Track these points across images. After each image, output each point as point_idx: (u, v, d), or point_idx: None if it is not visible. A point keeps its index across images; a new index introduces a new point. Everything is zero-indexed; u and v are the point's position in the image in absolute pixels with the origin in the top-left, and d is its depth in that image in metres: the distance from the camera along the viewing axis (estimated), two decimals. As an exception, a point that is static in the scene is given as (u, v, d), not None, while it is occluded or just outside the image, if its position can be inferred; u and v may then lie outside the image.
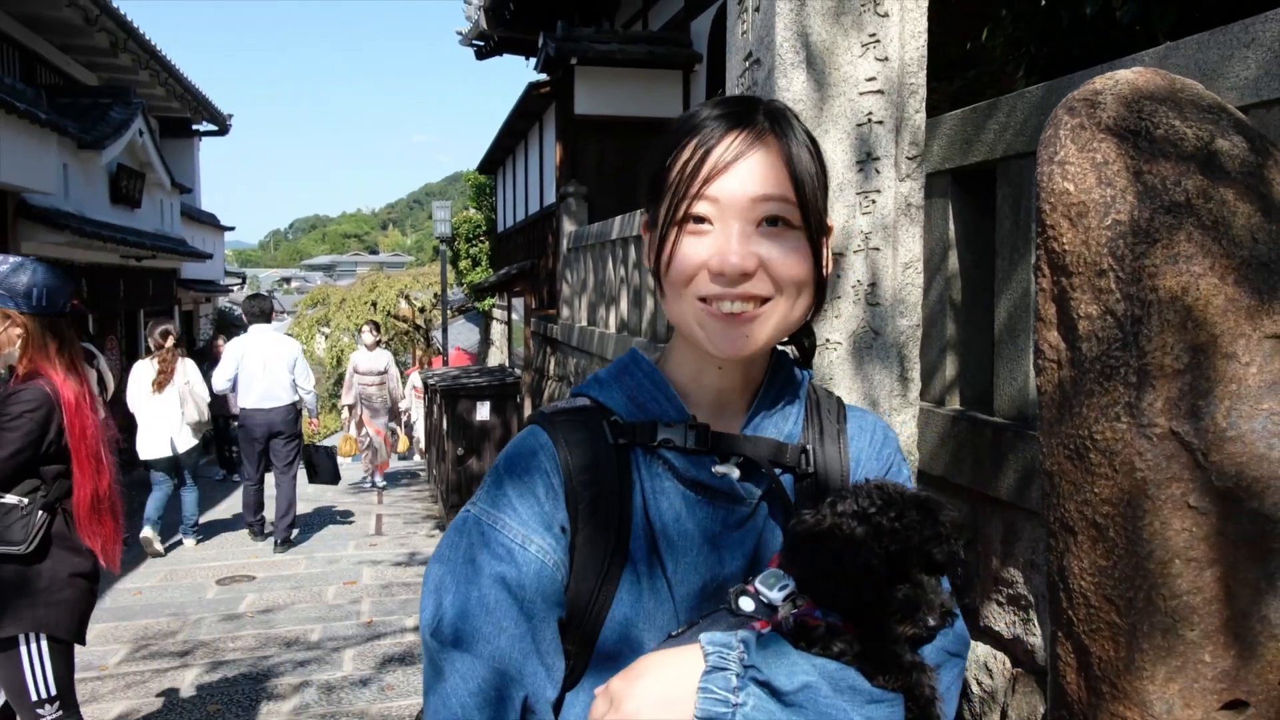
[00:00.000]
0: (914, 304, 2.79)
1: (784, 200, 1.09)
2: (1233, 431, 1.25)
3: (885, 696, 0.98)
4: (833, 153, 2.69)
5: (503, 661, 1.04)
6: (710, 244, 1.08)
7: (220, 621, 6.54)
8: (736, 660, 0.97)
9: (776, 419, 1.20)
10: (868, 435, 1.24)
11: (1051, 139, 1.39)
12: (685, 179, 1.08)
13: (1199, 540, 1.26)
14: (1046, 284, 1.40)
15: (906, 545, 1.00)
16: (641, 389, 1.18)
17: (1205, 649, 1.26)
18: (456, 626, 1.05)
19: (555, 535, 1.09)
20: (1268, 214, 1.29)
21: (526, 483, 1.11)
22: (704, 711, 0.95)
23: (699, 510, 1.13)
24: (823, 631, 1.00)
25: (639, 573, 1.11)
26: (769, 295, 1.09)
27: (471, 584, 1.07)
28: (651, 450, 1.14)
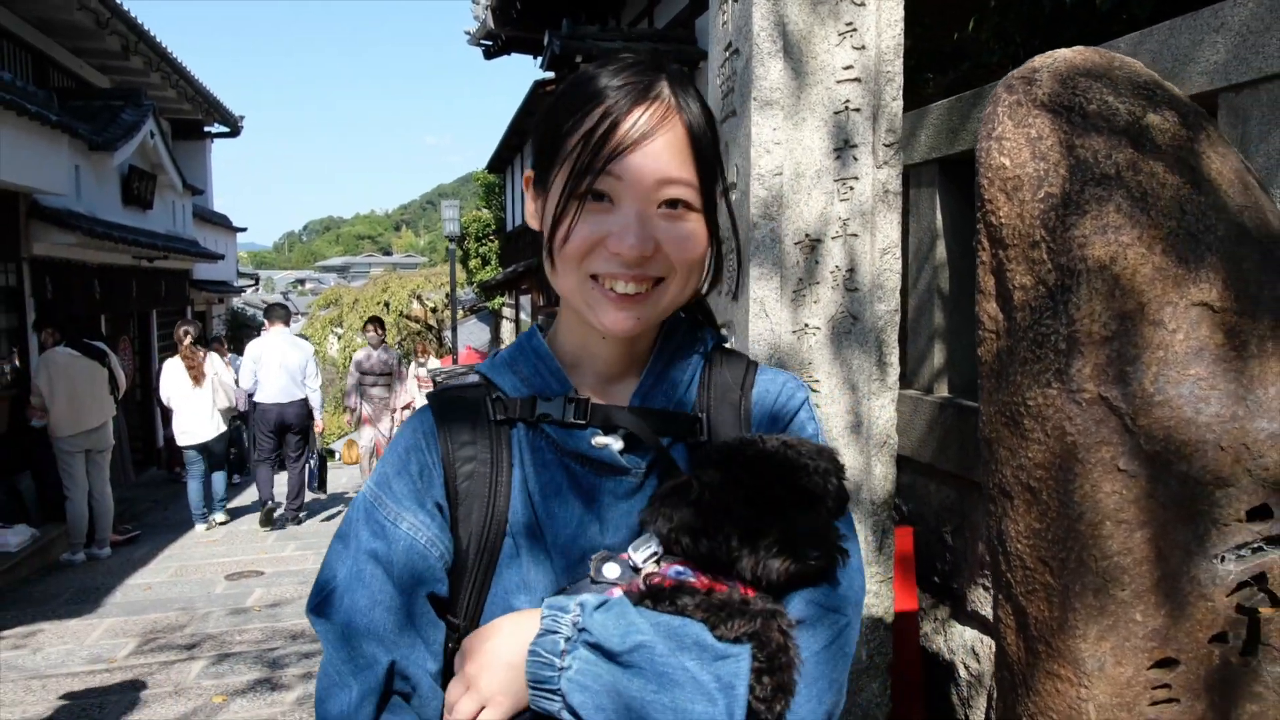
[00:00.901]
0: (892, 289, 2.82)
1: (686, 184, 1.07)
2: (1160, 396, 1.28)
3: (730, 651, 0.95)
4: (810, 141, 2.73)
5: (375, 632, 1.09)
6: (609, 222, 1.07)
7: (228, 615, 6.62)
8: (569, 624, 0.99)
9: (667, 387, 1.18)
10: (772, 398, 1.20)
11: (990, 116, 1.43)
12: (589, 151, 1.05)
13: (1129, 502, 1.29)
14: (986, 257, 1.43)
15: (771, 481, 0.99)
16: (528, 364, 1.19)
17: (1136, 608, 1.30)
18: (333, 600, 1.11)
19: (429, 512, 1.13)
20: (1196, 186, 1.33)
21: (404, 461, 1.16)
22: (531, 674, 0.98)
23: (583, 482, 1.13)
24: (671, 589, 0.99)
25: (519, 545, 1.13)
26: (663, 276, 1.09)
27: (348, 559, 1.12)
28: (533, 425, 1.14)
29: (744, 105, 2.76)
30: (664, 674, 0.94)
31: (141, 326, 15.19)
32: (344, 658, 1.09)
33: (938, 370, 3.77)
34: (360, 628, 1.09)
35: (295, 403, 9.39)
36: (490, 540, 1.13)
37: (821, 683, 1.02)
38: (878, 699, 2.85)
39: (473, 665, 1.04)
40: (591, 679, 0.96)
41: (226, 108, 19.16)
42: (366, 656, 1.09)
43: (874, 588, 2.86)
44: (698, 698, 0.94)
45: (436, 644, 1.12)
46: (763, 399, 1.19)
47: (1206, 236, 1.30)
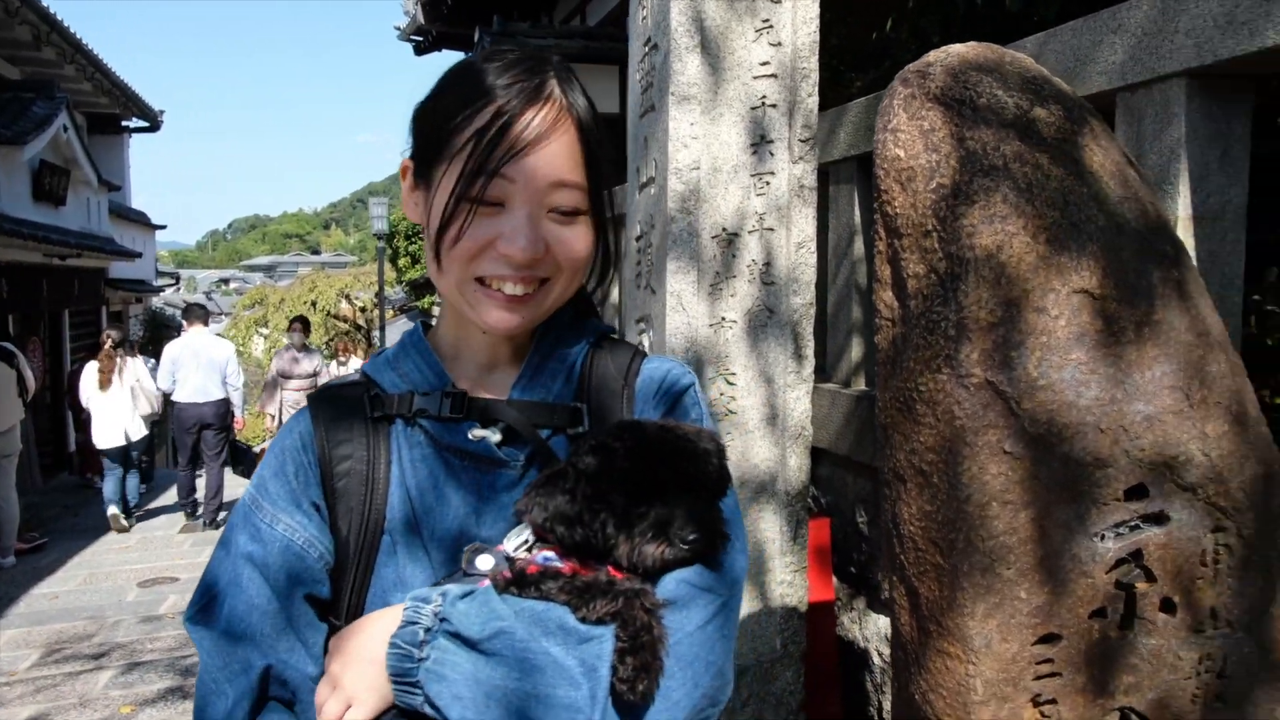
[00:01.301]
0: (807, 283, 2.86)
1: (577, 187, 1.08)
2: (1043, 381, 1.32)
3: (593, 633, 0.94)
4: (727, 136, 2.76)
5: (251, 637, 1.07)
6: (499, 225, 1.06)
7: (139, 623, 6.42)
8: (430, 614, 0.98)
9: (546, 379, 1.17)
10: (655, 384, 1.19)
11: (887, 108, 1.46)
12: (481, 152, 1.04)
13: (1014, 484, 1.33)
14: (882, 246, 1.46)
15: (649, 466, 0.98)
16: (408, 360, 1.18)
17: (1021, 586, 1.34)
18: (211, 607, 1.09)
19: (306, 513, 1.11)
20: (1079, 178, 1.38)
21: (280, 463, 1.14)
22: (392, 667, 0.97)
23: (462, 476, 1.12)
24: (537, 574, 0.98)
25: (396, 541, 1.11)
26: (548, 277, 1.09)
27: (227, 564, 1.11)
28: (411, 421, 1.13)
29: (662, 100, 2.78)
30: (525, 660, 0.93)
31: (53, 327, 14.65)
32: (220, 664, 1.07)
33: (855, 364, 3.84)
34: (236, 633, 1.07)
35: (213, 402, 9.36)
36: (368, 538, 1.11)
37: (698, 665, 1.00)
38: (791, 687, 2.89)
39: (337, 663, 1.03)
40: (450, 668, 0.95)
41: (146, 102, 18.60)
42: (242, 661, 1.06)
43: (788, 577, 2.90)
44: (560, 682, 0.92)
45: (317, 646, 1.10)
46: (646, 386, 1.19)
47: (1087, 226, 1.35)
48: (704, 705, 1.00)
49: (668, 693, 0.96)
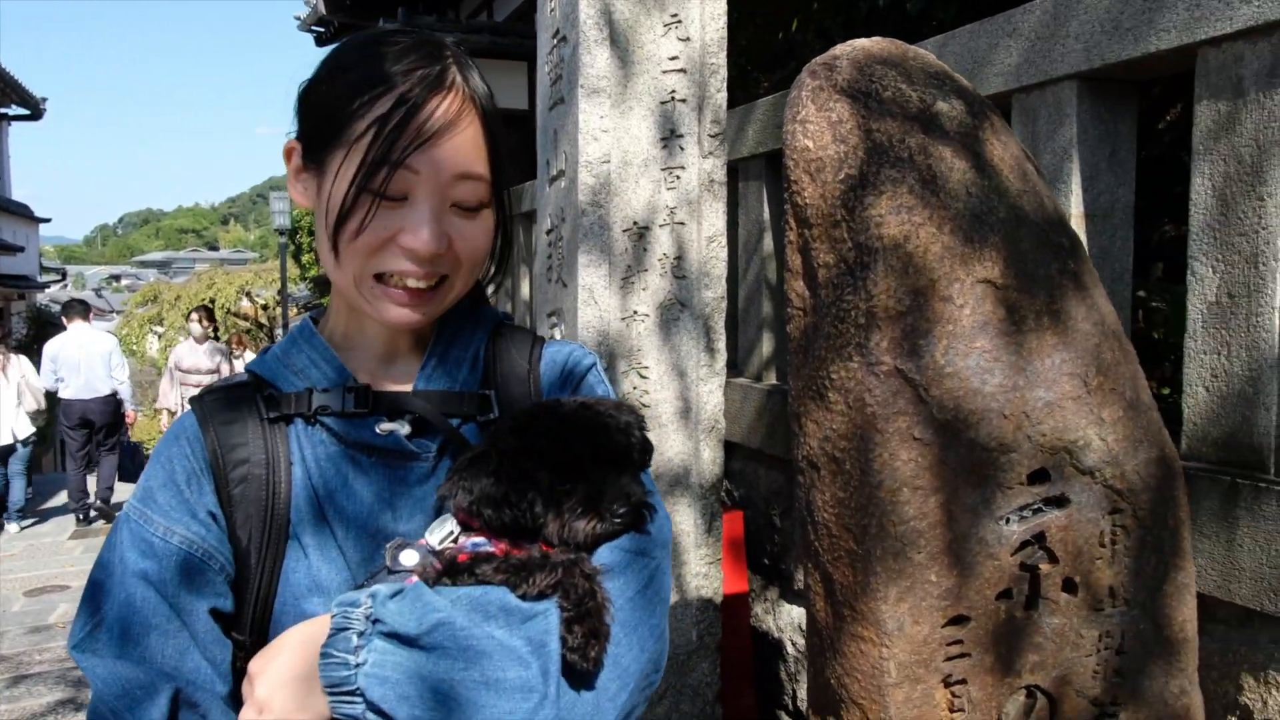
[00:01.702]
0: (718, 276, 2.88)
1: (480, 179, 1.06)
2: (950, 368, 1.35)
3: (536, 609, 0.93)
4: (637, 129, 2.76)
5: (153, 662, 1.00)
6: (401, 217, 1.03)
7: (26, 634, 6.10)
8: (361, 617, 0.93)
9: (450, 368, 1.15)
10: (559, 366, 1.18)
11: (795, 100, 1.47)
12: (384, 142, 1.00)
13: (923, 469, 1.36)
14: (793, 236, 1.48)
15: (571, 442, 0.97)
16: (301, 355, 1.14)
17: (931, 570, 1.37)
18: (101, 632, 1.01)
19: (203, 523, 1.05)
20: (980, 170, 1.41)
21: (168, 472, 1.08)
22: (326, 679, 0.91)
23: (372, 472, 1.09)
24: (469, 561, 0.96)
25: (305, 545, 1.07)
26: (449, 273, 1.07)
27: (119, 586, 1.03)
28: (311, 419, 1.09)
29: (571, 93, 2.76)
30: (469, 647, 0.90)
31: (-74, 325, 13.83)
32: (117, 693, 0.99)
33: (767, 359, 3.88)
34: (134, 658, 0.99)
35: (100, 398, 9.29)
36: (271, 545, 1.06)
37: (642, 630, 0.99)
38: (708, 678, 2.91)
39: (262, 688, 0.94)
40: (391, 668, 0.90)
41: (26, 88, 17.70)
42: (144, 688, 0.99)
43: (704, 570, 2.92)
44: (509, 664, 0.90)
45: (224, 664, 1.05)
46: (550, 369, 1.18)
47: (989, 218, 1.39)
48: (649, 670, 1.00)
49: (617, 659, 0.95)
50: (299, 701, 0.92)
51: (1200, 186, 2.10)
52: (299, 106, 1.12)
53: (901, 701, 1.38)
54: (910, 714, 1.39)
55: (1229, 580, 1.85)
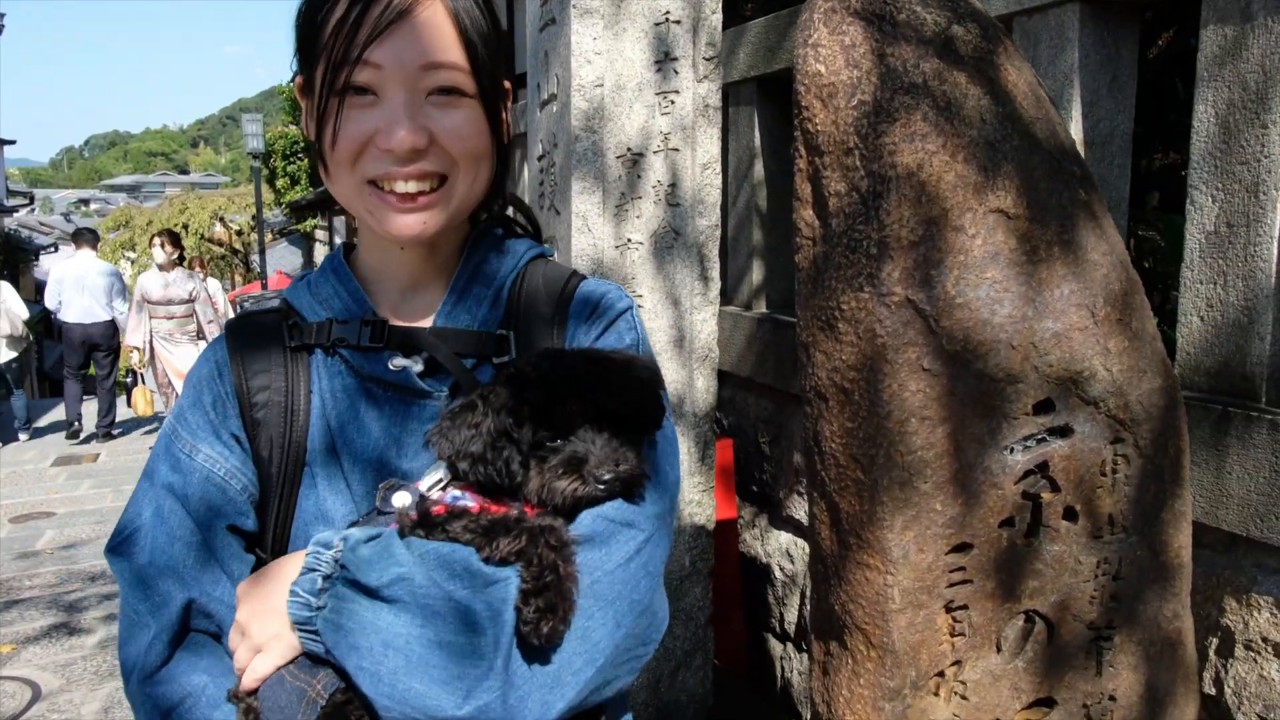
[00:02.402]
0: (713, 204, 2.85)
1: (454, 67, 1.01)
2: (960, 299, 1.35)
3: (498, 575, 0.90)
4: (630, 52, 2.69)
5: (174, 569, 1.04)
6: (376, 116, 1.00)
7: (15, 560, 6.11)
8: (330, 560, 0.95)
9: (471, 304, 1.12)
10: (589, 307, 1.14)
11: (806, 23, 1.43)
12: (343, 41, 0.98)
13: (932, 400, 1.36)
14: (803, 164, 1.45)
15: (564, 396, 0.92)
16: (328, 285, 1.13)
17: (936, 499, 1.38)
18: (133, 538, 1.05)
19: (226, 444, 1.08)
20: (995, 97, 1.39)
21: (197, 393, 1.10)
22: (293, 615, 0.95)
23: (384, 407, 1.08)
24: (444, 515, 0.94)
25: (315, 473, 1.08)
26: (444, 172, 1.03)
27: (150, 495, 1.07)
28: (330, 350, 1.10)
29: (563, 13, 2.68)
30: (426, 606, 0.89)
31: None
32: (140, 596, 1.04)
33: (757, 287, 3.87)
34: (159, 565, 1.03)
35: (100, 323, 9.66)
36: (289, 470, 1.08)
37: (620, 604, 0.95)
38: (700, 603, 2.96)
39: (244, 611, 1.00)
40: (348, 617, 0.91)
41: (-16, 3, 17.04)
42: (163, 594, 1.03)
43: (696, 497, 2.95)
44: (463, 627, 0.89)
45: (241, 578, 1.07)
46: (580, 309, 1.14)
47: (1003, 146, 1.37)
48: (630, 645, 0.97)
49: (587, 633, 0.93)
50: (273, 630, 0.97)
51: (1202, 114, 2.09)
52: (294, 36, 1.09)
53: (904, 626, 1.41)
54: (913, 638, 1.42)
55: (1216, 506, 1.89)
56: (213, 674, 1.03)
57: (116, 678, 4.36)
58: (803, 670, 3.48)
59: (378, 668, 0.89)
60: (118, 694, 4.19)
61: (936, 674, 1.44)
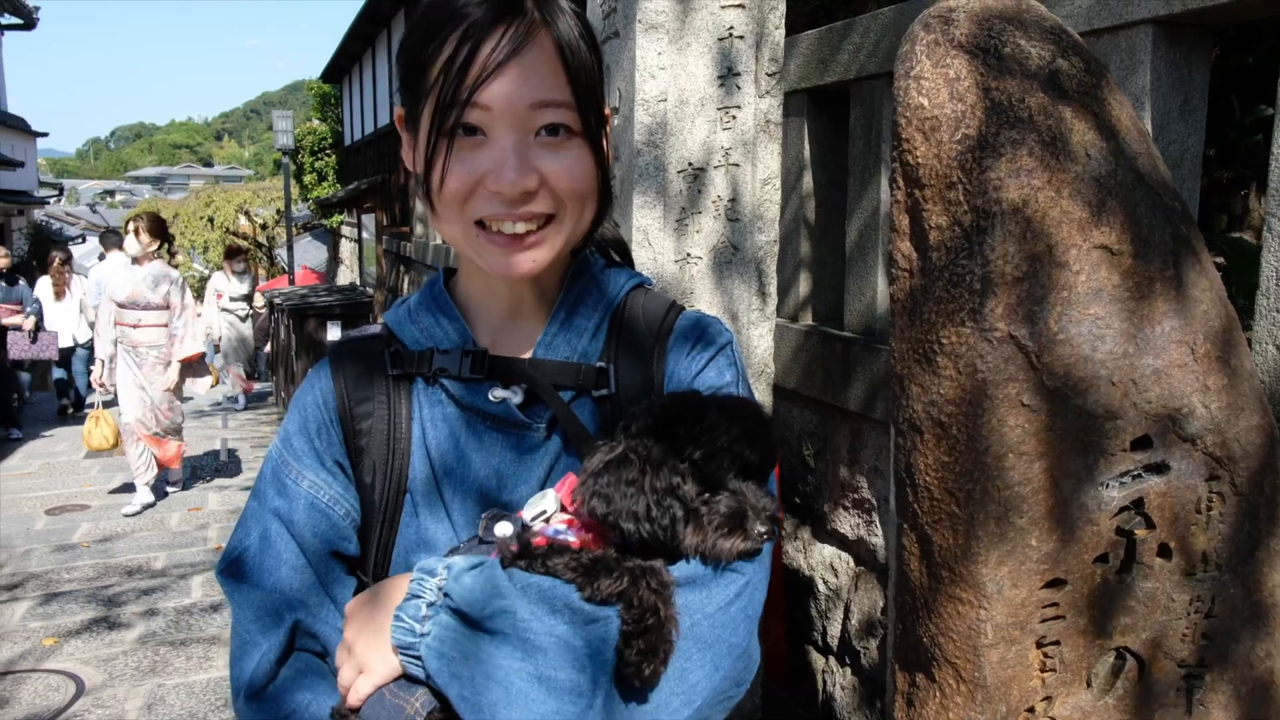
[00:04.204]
0: (772, 220, 2.85)
1: (562, 105, 1.00)
2: (1062, 335, 1.34)
3: (599, 614, 0.90)
4: (694, 67, 2.69)
5: (281, 592, 1.06)
6: (485, 158, 0.99)
7: (53, 553, 6.19)
8: (434, 588, 0.96)
9: (571, 335, 1.11)
10: (689, 342, 1.12)
11: (908, 54, 1.43)
12: (451, 81, 0.96)
13: (1030, 435, 1.36)
14: (901, 196, 1.45)
15: (713, 450, 0.92)
16: (428, 313, 1.13)
17: (1032, 534, 1.38)
18: (243, 560, 1.08)
19: (330, 471, 1.09)
20: (1100, 132, 1.38)
21: (303, 419, 1.11)
22: (396, 640, 0.96)
23: (484, 438, 1.08)
24: (545, 549, 0.93)
25: (417, 501, 1.09)
26: (552, 212, 1.02)
27: (258, 519, 1.09)
28: (431, 379, 1.10)
29: (628, 28, 2.69)
30: (527, 640, 0.89)
31: (-72, 240, 13.69)
32: (250, 617, 1.06)
33: (803, 299, 3.87)
34: (267, 587, 1.06)
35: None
36: (392, 497, 1.09)
37: (719, 647, 0.95)
38: (750, 617, 2.96)
39: (351, 630, 1.02)
40: (450, 646, 0.92)
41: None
42: (272, 615, 1.06)
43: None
44: (563, 664, 0.89)
45: (345, 603, 1.09)
46: (679, 342, 1.13)
47: (1108, 181, 1.36)
48: (726, 687, 0.98)
49: (684, 675, 0.93)
50: (377, 652, 0.98)
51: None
52: (396, 70, 1.10)
53: (996, 662, 1.41)
54: (1004, 674, 1.41)
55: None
56: (315, 692, 1.05)
57: (158, 674, 4.40)
58: (845, 685, 3.48)
59: (478, 698, 0.90)
60: (160, 691, 4.23)
61: (1026, 709, 1.44)
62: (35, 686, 4.29)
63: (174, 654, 4.63)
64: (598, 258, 1.19)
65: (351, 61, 18.81)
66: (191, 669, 4.46)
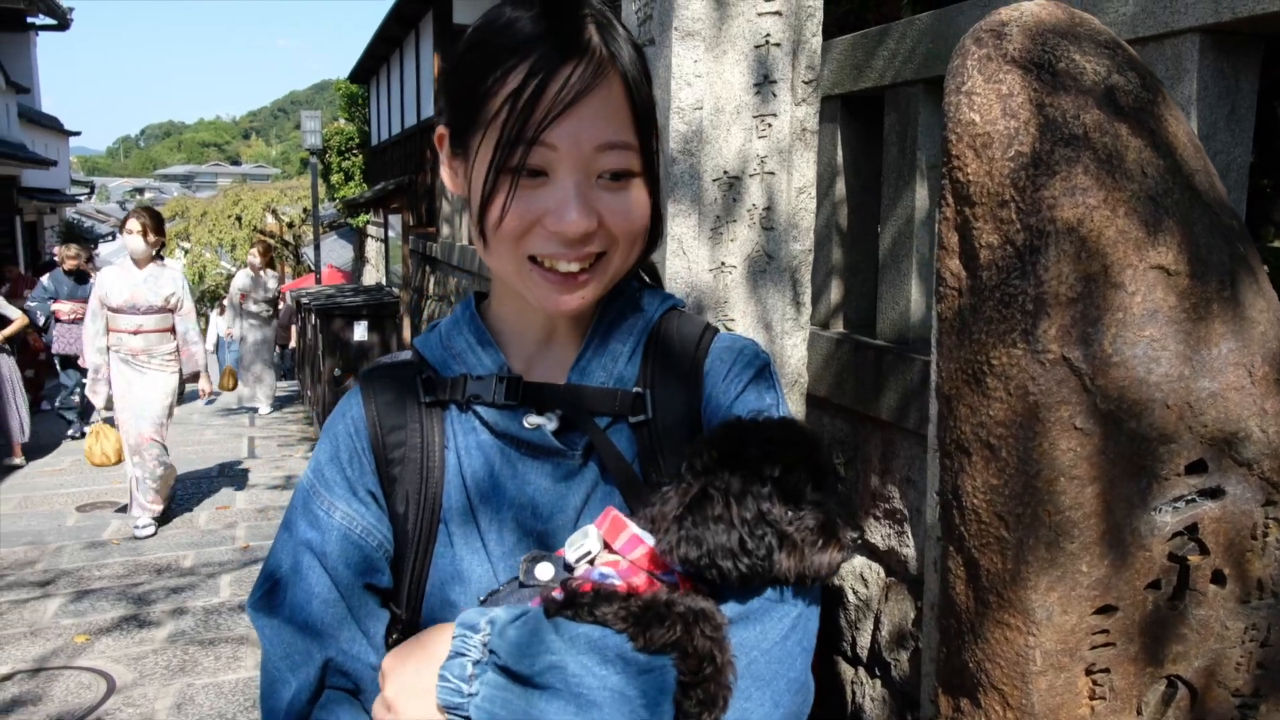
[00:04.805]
0: (807, 228, 2.83)
1: (627, 148, 0.98)
2: (1117, 357, 1.32)
3: (654, 664, 0.87)
4: (730, 75, 2.67)
5: (312, 627, 1.04)
6: (546, 197, 0.97)
7: (84, 549, 6.26)
8: (478, 644, 0.93)
9: (607, 361, 1.09)
10: (726, 364, 1.10)
11: (959, 69, 1.41)
12: (517, 118, 0.94)
13: (1082, 459, 1.33)
14: (950, 213, 1.43)
15: (790, 464, 0.90)
16: (461, 338, 1.11)
17: (1083, 559, 1.35)
18: (274, 593, 1.06)
19: (363, 501, 1.07)
20: (1157, 149, 1.35)
21: (334, 449, 1.09)
22: (443, 700, 0.92)
23: (519, 465, 1.06)
24: (591, 597, 0.91)
25: (452, 531, 1.07)
26: (605, 250, 1.01)
27: (290, 551, 1.07)
28: (465, 406, 1.08)
29: (664, 35, 2.67)
30: (580, 695, 0.87)
31: (-37, 237, 13.90)
32: (281, 653, 1.04)
33: (835, 306, 3.84)
34: (297, 622, 1.04)
35: None
36: (425, 527, 1.07)
37: (778, 684, 0.93)
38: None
39: (391, 688, 0.98)
40: (501, 705, 0.89)
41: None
42: (302, 652, 1.03)
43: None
44: (620, 716, 0.86)
45: (378, 636, 1.07)
46: (717, 364, 1.10)
47: (1165, 200, 1.33)
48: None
49: (745, 715, 0.91)
50: (421, 711, 0.94)
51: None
52: (442, 89, 1.08)
53: (1044, 689, 1.38)
54: (1052, 701, 1.39)
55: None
56: None
57: (187, 674, 4.44)
58: (875, 697, 3.44)
59: None
60: (189, 690, 4.26)
61: (1075, 737, 1.41)
62: (68, 684, 4.34)
63: (203, 653, 4.66)
64: (630, 281, 1.17)
65: (379, 62, 18.91)
66: (220, 669, 4.49)
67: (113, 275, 6.47)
